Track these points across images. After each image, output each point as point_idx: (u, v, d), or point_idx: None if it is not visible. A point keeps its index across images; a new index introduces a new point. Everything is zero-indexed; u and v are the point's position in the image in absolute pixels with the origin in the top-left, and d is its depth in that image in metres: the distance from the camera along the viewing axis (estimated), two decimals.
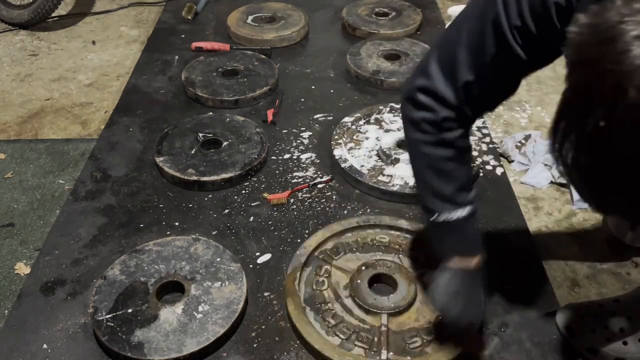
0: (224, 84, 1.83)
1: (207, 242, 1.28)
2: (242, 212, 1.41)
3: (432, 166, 0.96)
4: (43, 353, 1.10)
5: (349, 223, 1.33)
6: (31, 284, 1.24)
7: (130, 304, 1.15)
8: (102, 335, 1.09)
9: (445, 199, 0.96)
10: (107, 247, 1.32)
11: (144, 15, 2.54)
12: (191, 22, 2.28)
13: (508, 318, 1.16)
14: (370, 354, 1.09)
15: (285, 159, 1.57)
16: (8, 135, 1.82)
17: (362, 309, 1.15)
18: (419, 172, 0.99)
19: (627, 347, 1.09)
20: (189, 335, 1.09)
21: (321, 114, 1.75)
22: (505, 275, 1.25)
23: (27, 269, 1.35)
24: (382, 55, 1.96)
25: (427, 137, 0.94)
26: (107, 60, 2.22)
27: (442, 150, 0.94)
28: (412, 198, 1.42)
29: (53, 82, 2.09)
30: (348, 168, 1.49)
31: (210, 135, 1.60)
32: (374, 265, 1.23)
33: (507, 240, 1.34)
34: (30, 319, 1.17)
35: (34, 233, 1.45)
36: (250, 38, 2.09)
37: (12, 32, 2.42)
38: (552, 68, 0.95)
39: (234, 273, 1.21)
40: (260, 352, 1.10)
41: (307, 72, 1.96)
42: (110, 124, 1.72)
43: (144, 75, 1.94)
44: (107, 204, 1.44)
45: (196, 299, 1.16)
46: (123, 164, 1.56)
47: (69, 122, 1.88)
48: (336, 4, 2.36)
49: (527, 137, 1.64)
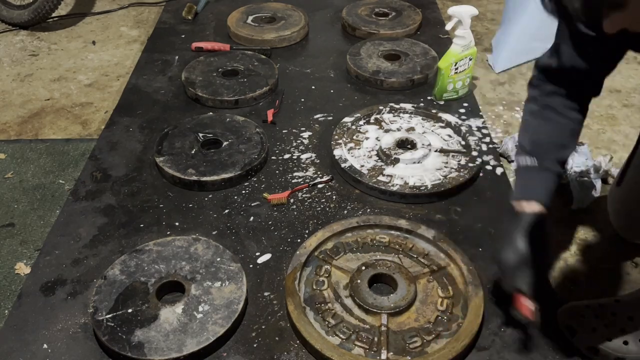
0: (224, 84, 1.83)
1: (207, 242, 1.28)
2: (242, 212, 1.41)
3: (523, 118, 1.14)
4: (43, 353, 1.10)
5: (349, 223, 1.33)
6: (31, 284, 1.24)
7: (131, 304, 1.15)
8: (102, 335, 1.09)
9: (521, 146, 1.11)
10: (107, 247, 1.32)
11: (144, 16, 2.55)
12: (191, 22, 2.28)
13: (508, 318, 1.16)
14: (370, 354, 1.09)
15: (285, 159, 1.57)
16: (8, 135, 1.82)
17: (362, 309, 1.15)
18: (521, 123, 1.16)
19: (628, 347, 1.09)
20: (189, 335, 1.09)
21: (321, 114, 1.75)
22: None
23: (27, 269, 1.35)
24: (382, 55, 1.96)
25: (529, 92, 1.14)
26: (107, 61, 2.22)
27: (530, 105, 1.12)
28: (412, 198, 1.42)
29: (53, 82, 2.10)
30: (348, 168, 1.49)
31: (211, 135, 1.60)
32: (373, 265, 1.23)
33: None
34: (30, 319, 1.17)
35: (34, 233, 1.45)
36: (250, 38, 2.09)
37: (12, 32, 2.42)
38: None
39: (234, 273, 1.21)
40: (260, 352, 1.10)
41: (307, 72, 1.96)
42: (111, 124, 1.72)
43: (144, 76, 1.95)
44: (107, 204, 1.44)
45: (196, 299, 1.16)
46: (123, 164, 1.56)
47: (69, 122, 1.88)
48: (336, 4, 2.36)
49: None
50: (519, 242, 1.01)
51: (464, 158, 1.54)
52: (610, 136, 1.80)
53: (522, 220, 1.04)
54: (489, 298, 1.18)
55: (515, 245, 1.01)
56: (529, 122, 1.11)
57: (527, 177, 1.08)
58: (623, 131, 1.81)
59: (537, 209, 1.04)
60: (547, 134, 1.08)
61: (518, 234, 1.02)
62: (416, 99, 1.81)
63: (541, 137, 1.08)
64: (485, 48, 2.26)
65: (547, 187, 1.06)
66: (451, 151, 1.56)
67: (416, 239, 1.31)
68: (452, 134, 1.63)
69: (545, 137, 1.08)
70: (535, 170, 1.07)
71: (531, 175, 1.08)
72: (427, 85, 1.87)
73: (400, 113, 1.71)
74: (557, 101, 1.08)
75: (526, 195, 1.06)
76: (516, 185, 1.12)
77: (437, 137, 1.62)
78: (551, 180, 1.07)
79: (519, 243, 1.01)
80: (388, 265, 1.23)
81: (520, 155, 1.09)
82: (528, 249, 1.01)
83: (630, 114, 1.90)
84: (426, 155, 1.53)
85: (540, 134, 1.08)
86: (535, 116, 1.10)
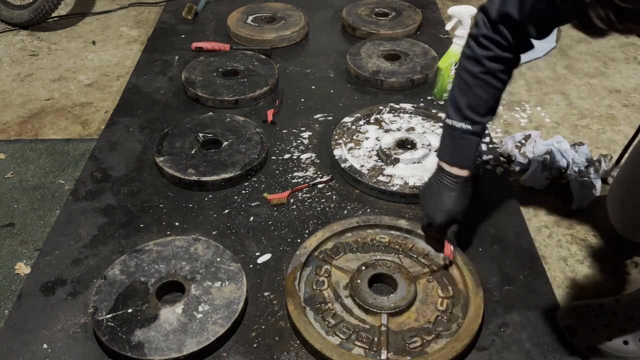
0: (224, 84, 1.83)
1: (207, 242, 1.28)
2: (242, 212, 1.41)
3: (459, 76, 1.13)
4: (43, 353, 1.10)
5: (349, 223, 1.33)
6: (31, 284, 1.24)
7: (131, 304, 1.15)
8: (102, 335, 1.09)
9: (456, 108, 1.12)
10: (107, 247, 1.32)
11: (144, 15, 2.55)
12: (191, 22, 2.28)
13: (508, 318, 1.16)
14: (370, 353, 1.09)
15: (285, 159, 1.57)
16: (8, 135, 1.82)
17: (362, 308, 1.15)
18: (454, 79, 1.16)
19: (628, 347, 1.09)
20: (189, 335, 1.09)
21: (321, 114, 1.75)
22: (505, 275, 1.25)
23: (27, 269, 1.35)
24: (382, 55, 1.96)
25: (466, 51, 1.11)
26: (107, 60, 2.22)
27: (471, 65, 1.10)
28: (411, 198, 1.42)
29: (53, 82, 2.10)
30: (348, 168, 1.49)
31: (211, 135, 1.60)
32: (374, 265, 1.23)
33: (507, 240, 1.34)
34: (30, 319, 1.17)
35: (34, 233, 1.45)
36: (250, 38, 2.09)
37: (12, 32, 2.42)
38: (552, 68, 0.95)
39: (234, 273, 1.21)
40: (260, 352, 1.10)
41: (307, 72, 1.96)
42: (111, 124, 1.72)
43: (144, 75, 1.95)
44: (107, 204, 1.44)
45: (196, 298, 1.16)
46: (123, 164, 1.56)
47: (69, 122, 1.88)
48: (336, 4, 2.37)
49: (527, 137, 1.64)
50: (452, 205, 1.16)
51: None
52: (610, 136, 1.80)
53: (455, 184, 1.16)
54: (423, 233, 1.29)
55: (449, 207, 1.16)
56: (468, 84, 1.11)
57: (459, 140, 1.14)
58: (623, 131, 1.81)
59: (467, 174, 1.16)
60: (484, 100, 1.11)
61: (452, 197, 1.16)
62: (416, 99, 1.81)
63: (478, 102, 1.11)
64: None
65: (475, 152, 1.16)
66: None
67: (416, 239, 1.31)
68: None
69: (482, 102, 1.11)
70: (467, 135, 1.13)
71: (463, 140, 1.14)
72: (427, 85, 1.87)
73: (400, 113, 1.71)
74: (497, 66, 1.08)
75: (460, 160, 1.16)
76: (445, 144, 1.17)
77: (437, 137, 1.62)
78: (478, 144, 1.15)
79: (452, 205, 1.16)
80: (388, 265, 1.23)
81: (453, 116, 1.13)
82: (459, 210, 1.17)
83: (630, 114, 1.90)
84: (426, 155, 1.53)
85: (477, 98, 1.11)
86: (476, 79, 1.10)
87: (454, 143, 1.15)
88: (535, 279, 1.25)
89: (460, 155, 1.16)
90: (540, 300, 1.20)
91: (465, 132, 1.13)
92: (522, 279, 1.25)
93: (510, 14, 1.02)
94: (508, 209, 1.42)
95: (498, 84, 1.11)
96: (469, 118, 1.12)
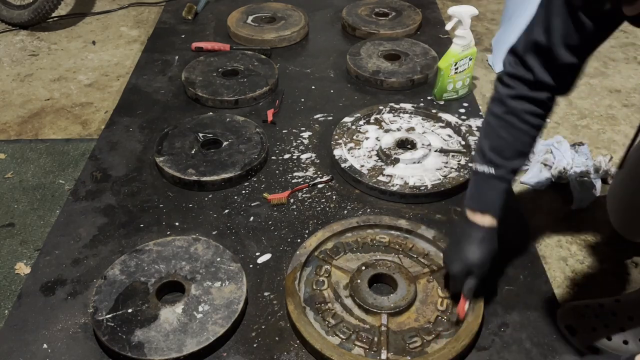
0: (224, 84, 1.83)
1: (207, 242, 1.28)
2: (242, 212, 1.41)
3: (484, 119, 1.09)
4: (43, 353, 1.10)
5: (349, 223, 1.33)
6: (31, 284, 1.24)
7: (131, 304, 1.15)
8: (102, 335, 1.09)
9: (480, 151, 1.07)
10: (107, 247, 1.32)
11: (144, 15, 2.55)
12: (191, 22, 2.28)
13: (508, 318, 1.16)
14: (370, 353, 1.09)
15: (285, 159, 1.57)
16: (8, 135, 1.82)
17: (362, 308, 1.15)
18: (481, 125, 1.13)
19: (628, 347, 1.09)
20: (189, 335, 1.09)
21: (321, 114, 1.75)
22: (505, 275, 1.25)
23: (27, 269, 1.35)
24: (382, 55, 1.96)
25: (493, 94, 1.07)
26: (107, 60, 2.22)
27: (494, 105, 1.06)
28: (411, 198, 1.42)
29: (53, 82, 2.10)
30: (348, 168, 1.49)
31: (210, 135, 1.60)
32: (373, 265, 1.23)
33: (507, 240, 1.33)
34: (30, 319, 1.17)
35: (34, 233, 1.45)
36: (250, 38, 2.09)
37: (12, 32, 2.42)
38: None
39: (234, 273, 1.21)
40: (260, 352, 1.10)
41: (307, 72, 1.96)
42: (111, 124, 1.72)
43: (144, 75, 1.95)
44: (107, 204, 1.44)
45: (196, 299, 1.16)
46: (123, 164, 1.56)
47: (69, 122, 1.88)
48: (336, 4, 2.37)
49: None
50: (469, 254, 1.06)
51: (464, 158, 1.54)
52: (610, 136, 1.80)
53: (474, 233, 1.07)
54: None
55: (465, 256, 1.07)
56: (491, 126, 1.06)
57: (483, 185, 1.07)
58: (623, 131, 1.81)
59: (489, 223, 1.07)
60: (508, 142, 1.04)
61: (469, 246, 1.07)
62: (416, 99, 1.81)
63: (501, 144, 1.05)
64: (485, 48, 2.26)
65: (501, 198, 1.07)
66: (451, 151, 1.56)
67: (416, 239, 1.31)
68: (452, 134, 1.63)
69: (506, 144, 1.04)
70: (491, 179, 1.06)
71: (487, 185, 1.07)
72: (427, 85, 1.87)
73: (400, 113, 1.71)
74: (523, 106, 1.02)
75: (481, 206, 1.07)
76: (471, 191, 1.09)
77: (437, 137, 1.62)
78: (504, 190, 1.07)
79: (469, 255, 1.06)
80: (388, 265, 1.23)
81: (477, 160, 1.08)
82: (476, 262, 1.06)
83: (630, 114, 1.90)
84: (426, 155, 1.53)
85: (500, 140, 1.05)
86: (499, 120, 1.05)
87: (477, 188, 1.08)
88: (535, 279, 1.25)
89: (482, 202, 1.07)
90: (540, 300, 1.20)
91: (488, 177, 1.05)
92: (522, 279, 1.25)
93: (537, 40, 0.96)
94: (508, 209, 1.41)
95: (523, 126, 1.02)
96: (491, 161, 1.04)
